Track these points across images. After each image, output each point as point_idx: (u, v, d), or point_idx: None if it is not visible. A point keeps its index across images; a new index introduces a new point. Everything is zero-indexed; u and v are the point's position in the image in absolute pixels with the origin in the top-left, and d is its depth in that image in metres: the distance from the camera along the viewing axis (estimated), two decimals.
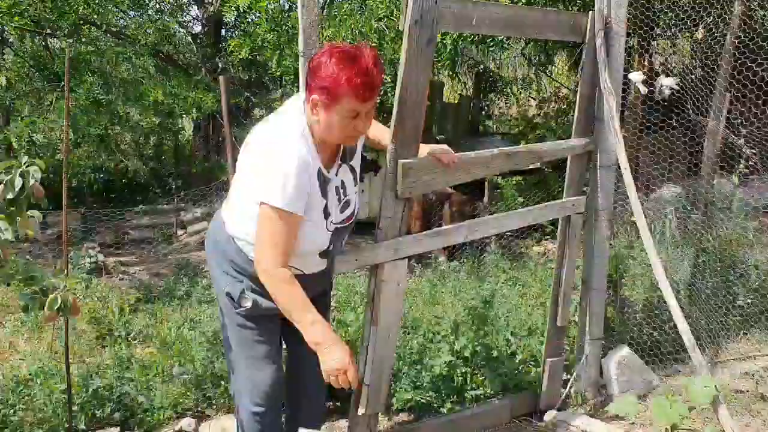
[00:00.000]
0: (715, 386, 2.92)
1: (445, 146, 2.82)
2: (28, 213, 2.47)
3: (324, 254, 2.44)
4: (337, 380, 2.27)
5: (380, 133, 2.67)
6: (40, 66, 7.68)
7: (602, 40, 3.23)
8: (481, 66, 9.01)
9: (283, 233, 2.20)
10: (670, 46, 3.63)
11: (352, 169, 2.48)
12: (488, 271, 5.54)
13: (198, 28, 8.38)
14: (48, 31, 6.88)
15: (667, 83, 3.57)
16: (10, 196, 2.32)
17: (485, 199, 7.97)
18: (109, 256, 7.19)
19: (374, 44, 4.93)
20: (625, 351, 3.68)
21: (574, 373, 3.62)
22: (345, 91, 2.14)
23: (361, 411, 2.82)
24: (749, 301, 4.12)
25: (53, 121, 6.51)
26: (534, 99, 10.71)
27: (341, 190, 2.41)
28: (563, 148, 3.35)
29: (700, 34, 3.74)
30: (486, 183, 8.02)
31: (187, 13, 9.21)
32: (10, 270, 2.16)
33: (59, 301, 2.07)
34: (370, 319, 2.78)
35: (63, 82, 7.27)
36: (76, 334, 4.60)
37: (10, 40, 7.83)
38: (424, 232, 2.93)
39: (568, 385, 3.61)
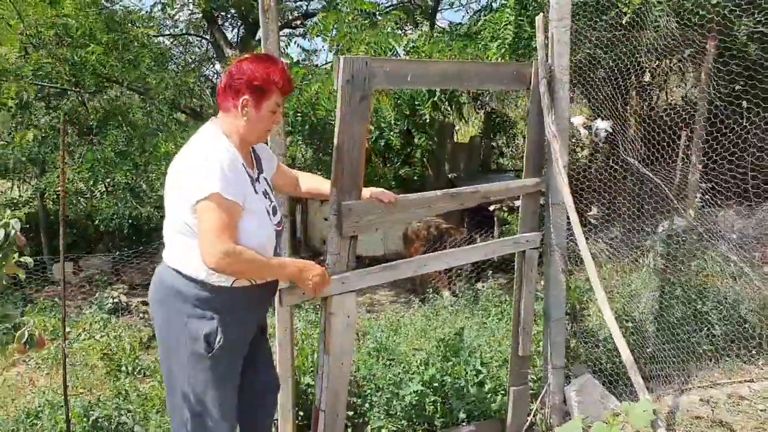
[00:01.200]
0: (653, 410, 3.07)
1: (384, 190, 3.10)
2: (21, 259, 2.81)
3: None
4: (318, 289, 2.72)
5: (317, 183, 3.01)
6: (72, 121, 8.28)
7: (545, 87, 3.48)
8: (488, 106, 9.32)
9: (225, 221, 2.36)
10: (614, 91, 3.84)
11: (267, 182, 2.74)
12: (481, 305, 5.72)
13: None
14: (75, 89, 7.46)
15: (602, 126, 3.79)
16: None
17: (495, 233, 8.19)
18: (134, 297, 7.61)
19: None
20: (586, 379, 3.84)
21: (538, 401, 3.79)
22: (275, 87, 2.53)
23: None
24: (720, 331, 4.23)
25: (82, 171, 6.99)
26: None
27: (267, 195, 2.67)
28: (512, 188, 3.59)
29: (647, 78, 3.95)
30: (495, 219, 8.25)
31: (211, 67, 9.86)
32: None
33: (26, 336, 2.39)
34: (323, 349, 3.03)
35: (92, 136, 7.83)
36: (88, 370, 4.97)
37: (69, 93, 8.39)
38: (373, 267, 3.18)
39: (532, 412, 3.78)
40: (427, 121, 6.88)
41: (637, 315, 4.26)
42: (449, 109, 7.94)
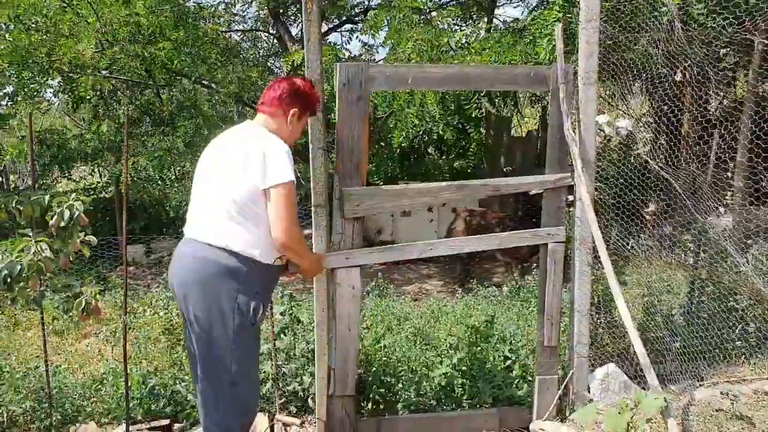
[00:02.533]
0: (665, 399, 3.19)
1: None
2: (87, 238, 3.17)
3: None
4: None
5: None
6: (148, 112, 8.83)
7: (564, 93, 3.60)
8: (546, 101, 9.33)
9: (295, 206, 2.84)
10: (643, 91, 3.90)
11: None
12: (523, 296, 5.87)
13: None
14: (150, 82, 7.99)
15: (623, 125, 3.87)
16: (62, 224, 3.03)
17: None
18: None
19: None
20: (610, 369, 3.96)
21: (562, 388, 3.93)
22: (314, 107, 3.14)
23: (330, 391, 3.50)
24: (754, 328, 4.26)
25: (154, 159, 7.46)
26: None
27: None
28: (528, 183, 3.76)
29: (678, 77, 3.99)
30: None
31: (278, 61, 10.26)
32: (56, 281, 2.86)
33: (84, 303, 2.74)
34: (332, 316, 3.47)
35: (165, 126, 8.32)
36: (151, 343, 5.39)
37: (142, 85, 8.98)
38: (377, 247, 3.67)
39: (555, 400, 3.92)
40: (482, 115, 7.03)
41: (666, 310, 4.33)
42: (504, 103, 8.04)
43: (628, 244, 4.30)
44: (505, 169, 8.96)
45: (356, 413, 3.65)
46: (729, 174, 4.15)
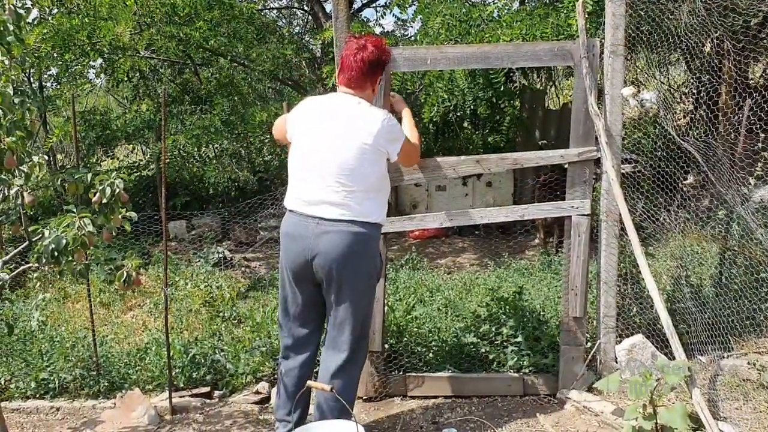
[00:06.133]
0: (689, 368, 3.24)
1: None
2: (128, 213, 3.34)
3: None
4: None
5: None
6: (187, 90, 9.01)
7: (587, 69, 3.63)
8: None
9: (414, 145, 3.36)
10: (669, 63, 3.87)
11: None
12: (553, 269, 5.91)
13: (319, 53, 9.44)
14: (189, 62, 8.16)
15: (648, 97, 3.86)
16: (104, 200, 3.20)
17: None
18: (238, 253, 8.29)
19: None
20: (637, 339, 4.00)
21: (588, 358, 4.00)
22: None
23: None
24: None
25: (192, 137, 7.64)
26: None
27: None
28: (548, 157, 3.82)
29: (707, 48, 3.96)
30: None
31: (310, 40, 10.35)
32: (99, 255, 3.04)
33: (125, 275, 2.91)
34: None
35: (202, 105, 8.50)
36: (192, 315, 5.60)
37: (181, 65, 9.15)
38: (400, 216, 3.82)
39: (582, 369, 3.99)
40: (516, 89, 7.01)
41: (696, 281, 4.34)
42: (538, 77, 7.98)
43: (659, 216, 4.31)
44: (540, 143, 8.91)
45: (384, 369, 3.96)
46: (760, 145, 4.11)
